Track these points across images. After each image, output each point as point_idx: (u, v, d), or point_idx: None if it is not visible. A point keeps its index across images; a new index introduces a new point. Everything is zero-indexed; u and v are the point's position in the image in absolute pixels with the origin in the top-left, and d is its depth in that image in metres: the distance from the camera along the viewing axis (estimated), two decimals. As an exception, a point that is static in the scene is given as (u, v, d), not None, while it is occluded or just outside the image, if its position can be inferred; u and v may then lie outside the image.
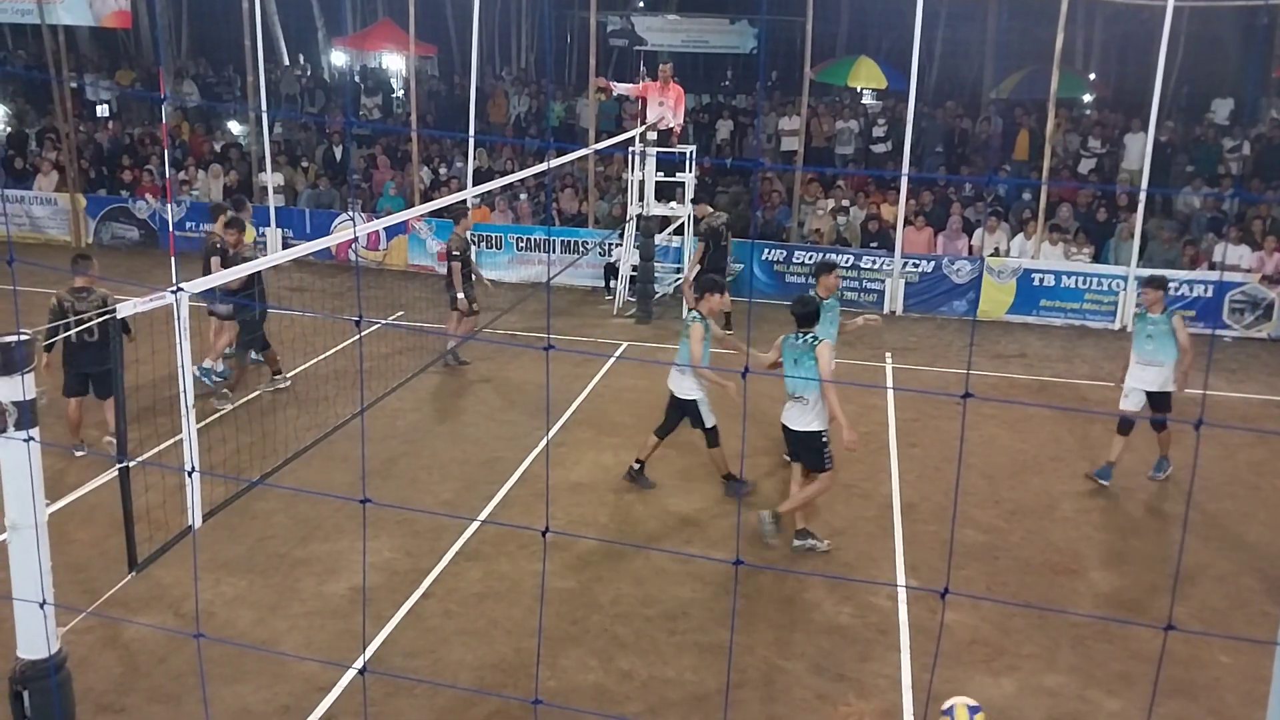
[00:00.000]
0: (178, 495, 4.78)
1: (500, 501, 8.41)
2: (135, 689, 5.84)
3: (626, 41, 25.38)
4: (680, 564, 7.37)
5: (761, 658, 6.35)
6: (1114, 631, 6.75)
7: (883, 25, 25.08)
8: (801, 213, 16.09)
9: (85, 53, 24.33)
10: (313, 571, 7.18)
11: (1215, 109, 20.02)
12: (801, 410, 7.46)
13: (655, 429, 8.70)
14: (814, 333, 7.51)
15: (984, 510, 8.49)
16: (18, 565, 3.64)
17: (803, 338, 7.46)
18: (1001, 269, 14.73)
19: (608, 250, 15.48)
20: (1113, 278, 14.40)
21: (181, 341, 4.59)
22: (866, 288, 15.08)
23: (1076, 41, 23.35)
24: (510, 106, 21.50)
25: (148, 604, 6.62)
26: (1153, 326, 8.87)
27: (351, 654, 6.19)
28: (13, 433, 3.51)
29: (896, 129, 17.78)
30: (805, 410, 7.44)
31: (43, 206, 17.65)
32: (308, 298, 13.85)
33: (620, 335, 13.28)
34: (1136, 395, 8.96)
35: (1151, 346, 8.85)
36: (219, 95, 23.66)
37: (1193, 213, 16.19)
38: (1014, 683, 6.19)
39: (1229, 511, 8.64)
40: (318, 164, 18.75)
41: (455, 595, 6.94)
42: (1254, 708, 5.94)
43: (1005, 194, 16.75)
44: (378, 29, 25.37)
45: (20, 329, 3.53)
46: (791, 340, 7.51)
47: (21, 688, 3.76)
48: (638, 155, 13.79)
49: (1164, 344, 8.77)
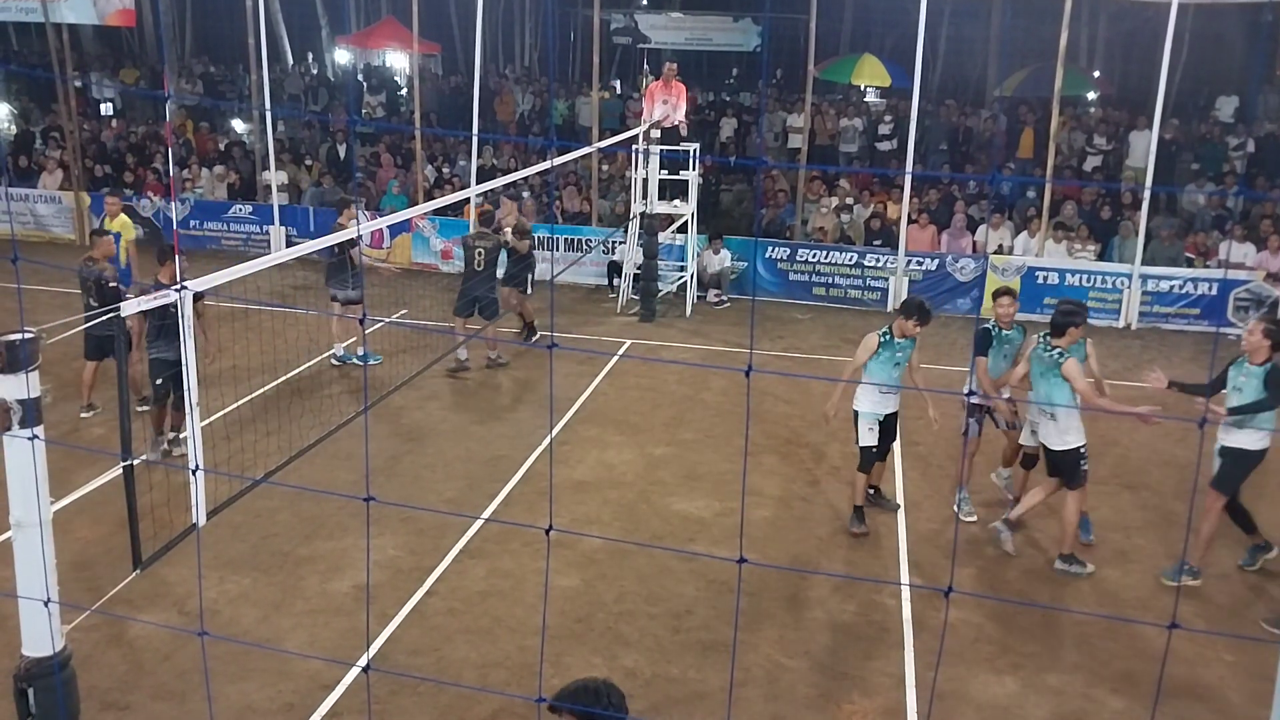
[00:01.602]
0: (182, 493, 4.79)
1: (504, 500, 8.41)
2: (139, 687, 5.85)
3: (630, 39, 25.41)
4: (684, 562, 7.37)
5: (765, 656, 6.35)
6: (1118, 630, 6.74)
7: (886, 23, 25.10)
8: (805, 211, 16.08)
9: (89, 51, 24.36)
10: (316, 569, 7.19)
11: (1220, 106, 20.00)
12: (1056, 428, 7.28)
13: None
14: (1061, 347, 7.20)
15: (987, 509, 8.47)
16: (22, 563, 3.65)
17: (1050, 350, 7.24)
18: (1005, 267, 14.70)
19: (611, 248, 15.48)
20: (1117, 275, 14.37)
21: (186, 339, 4.60)
22: (870, 286, 15.06)
23: (1081, 39, 23.32)
24: (515, 105, 21.52)
25: (152, 602, 6.63)
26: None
27: (355, 652, 6.20)
28: (17, 430, 3.52)
29: (901, 127, 17.75)
30: (1059, 427, 7.26)
31: (47, 205, 17.66)
32: (311, 295, 13.86)
33: (624, 333, 13.28)
34: (879, 427, 7.92)
35: (897, 374, 7.85)
36: (223, 94, 23.70)
37: (1197, 210, 16.16)
38: (1017, 681, 6.18)
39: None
40: (321, 162, 18.77)
41: (459, 593, 6.94)
42: (1258, 707, 5.92)
43: (1009, 192, 16.73)
44: (381, 27, 25.40)
45: (25, 327, 3.53)
46: (1040, 351, 7.31)
47: (26, 685, 3.76)
48: (641, 153, 13.78)
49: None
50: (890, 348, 7.77)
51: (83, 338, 9.42)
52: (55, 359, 8.68)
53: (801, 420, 10.28)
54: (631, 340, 12.94)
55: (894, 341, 7.77)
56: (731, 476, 8.88)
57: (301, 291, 14.35)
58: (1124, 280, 14.31)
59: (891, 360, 7.80)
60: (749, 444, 9.59)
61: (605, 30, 22.61)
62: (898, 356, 7.81)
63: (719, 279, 15.05)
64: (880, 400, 7.87)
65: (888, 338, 7.78)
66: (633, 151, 14.19)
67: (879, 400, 7.86)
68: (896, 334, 7.76)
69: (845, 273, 15.12)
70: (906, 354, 7.84)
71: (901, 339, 7.77)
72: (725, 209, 17.34)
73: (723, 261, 15.08)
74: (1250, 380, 7.07)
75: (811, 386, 10.85)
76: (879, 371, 7.79)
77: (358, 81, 24.13)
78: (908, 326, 7.70)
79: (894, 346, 7.77)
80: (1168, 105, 15.28)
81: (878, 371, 7.79)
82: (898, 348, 7.78)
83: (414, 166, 17.17)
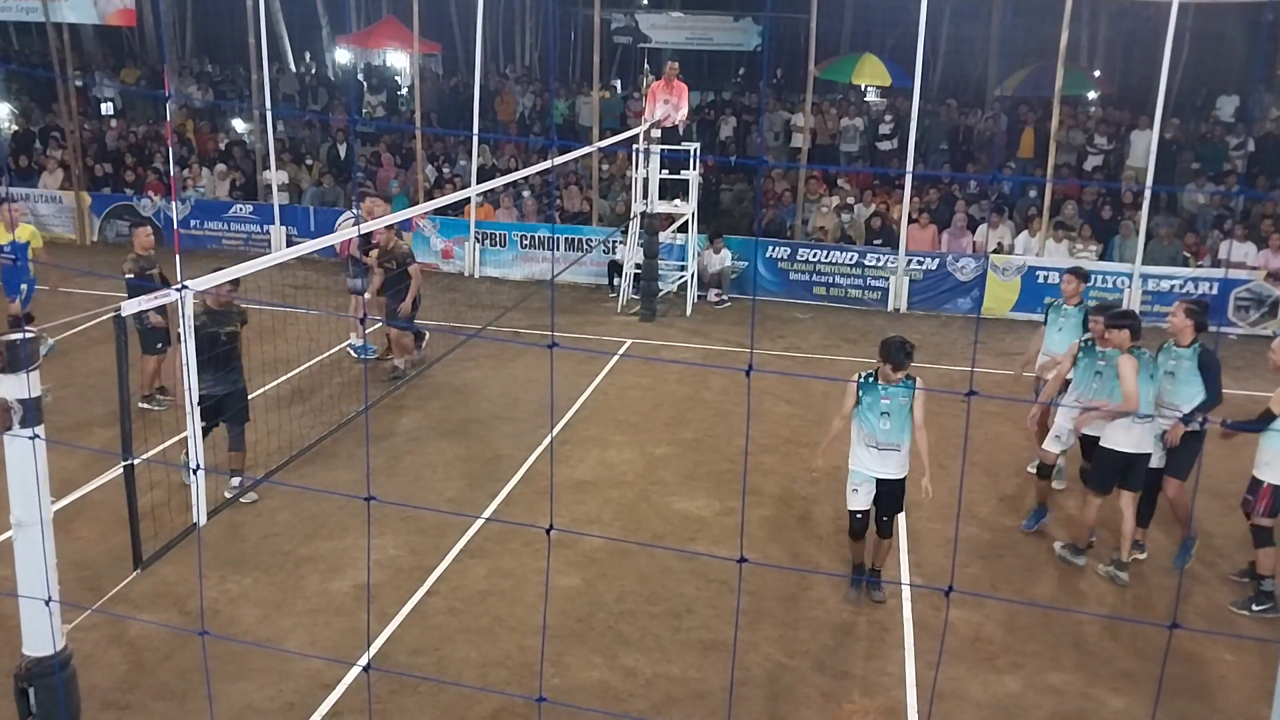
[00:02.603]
0: (182, 493, 4.80)
1: (504, 499, 8.41)
2: (140, 686, 5.85)
3: (630, 39, 25.40)
4: (684, 561, 7.38)
5: (765, 655, 6.35)
6: (1118, 629, 6.74)
7: (887, 22, 25.09)
8: (805, 210, 16.08)
9: (90, 51, 24.36)
10: (317, 569, 7.19)
11: (1220, 106, 19.99)
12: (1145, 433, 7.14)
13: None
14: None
15: (988, 508, 8.48)
16: (23, 562, 3.65)
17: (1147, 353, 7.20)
18: (1006, 266, 14.71)
19: (612, 248, 15.48)
20: (1118, 275, 14.37)
21: (186, 339, 4.60)
22: (871, 285, 15.06)
23: (1081, 38, 23.32)
24: (515, 104, 21.52)
25: (153, 601, 6.63)
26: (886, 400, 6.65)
27: (356, 651, 6.20)
28: (18, 430, 3.52)
29: (902, 126, 17.75)
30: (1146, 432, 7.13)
31: (47, 204, 17.67)
32: (312, 295, 13.86)
33: (624, 333, 13.28)
34: (867, 488, 6.81)
35: (888, 426, 6.66)
36: (224, 93, 23.70)
37: (1198, 210, 16.16)
38: (1018, 681, 6.18)
39: (1234, 508, 8.59)
40: (322, 162, 18.77)
41: (459, 593, 6.94)
42: (1259, 706, 5.93)
43: (1010, 191, 16.73)
44: (381, 26, 25.41)
45: (25, 326, 3.53)
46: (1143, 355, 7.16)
47: (27, 685, 3.76)
48: (642, 153, 13.79)
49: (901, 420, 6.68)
50: (873, 392, 6.59)
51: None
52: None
53: (801, 420, 10.28)
54: (632, 340, 12.94)
55: (877, 385, 6.61)
56: (732, 476, 8.88)
57: (302, 291, 14.35)
58: (1124, 280, 14.32)
59: (877, 409, 6.58)
60: (749, 444, 9.59)
61: (605, 30, 22.61)
62: (884, 405, 6.56)
63: (719, 278, 15.05)
64: (870, 458, 6.70)
65: (870, 380, 6.65)
66: (633, 151, 14.19)
67: (869, 458, 6.71)
68: (881, 378, 6.63)
69: (846, 272, 15.12)
70: (898, 403, 6.58)
71: (887, 384, 6.60)
72: (725, 208, 17.34)
73: (723, 261, 15.09)
74: (1182, 363, 7.23)
75: (811, 386, 10.86)
76: (863, 421, 6.66)
77: (358, 81, 24.13)
78: (887, 371, 6.57)
79: (877, 392, 6.58)
80: (1168, 105, 15.27)
81: (862, 421, 6.67)
82: (883, 393, 6.57)
83: (414, 166, 17.18)
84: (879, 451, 6.66)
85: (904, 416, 6.61)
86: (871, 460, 6.71)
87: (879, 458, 6.69)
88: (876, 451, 6.67)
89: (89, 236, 17.38)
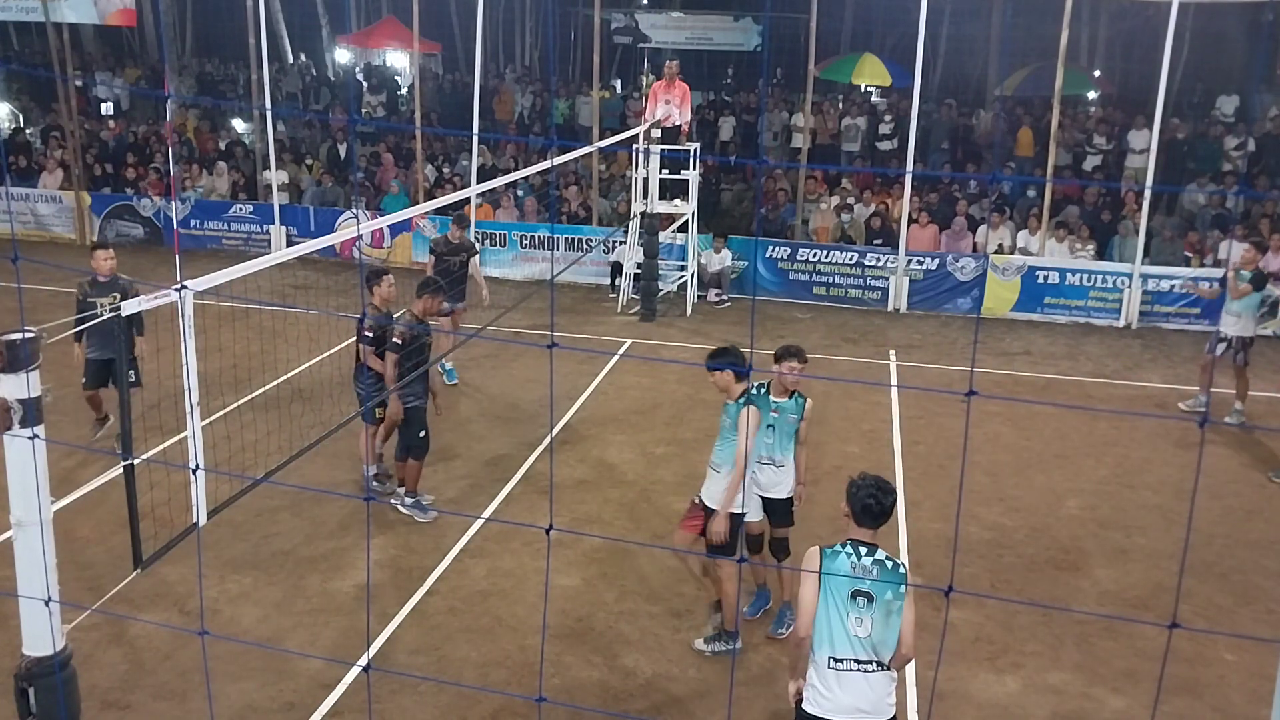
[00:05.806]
0: (183, 492, 4.79)
1: (504, 499, 8.41)
2: (140, 686, 5.85)
3: (630, 39, 25.37)
4: (684, 561, 7.36)
5: (765, 655, 6.35)
6: (1118, 629, 6.74)
7: (887, 22, 25.07)
8: (805, 210, 16.08)
9: (90, 50, 24.36)
10: (317, 569, 7.19)
11: (1220, 105, 19.97)
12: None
13: None
14: None
15: (988, 507, 8.48)
16: (23, 562, 3.65)
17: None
18: (1006, 266, 14.70)
19: (612, 248, 15.48)
20: (1118, 275, 14.37)
21: (186, 339, 4.59)
22: (871, 285, 15.06)
23: (1081, 38, 23.31)
24: (515, 104, 21.52)
25: (153, 601, 6.63)
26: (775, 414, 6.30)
27: (356, 651, 6.20)
28: (18, 430, 3.52)
29: (902, 126, 17.75)
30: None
31: (47, 204, 17.68)
32: (312, 295, 13.87)
33: (624, 333, 13.28)
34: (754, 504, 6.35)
35: (770, 441, 6.31)
36: (223, 93, 23.70)
37: (1198, 210, 16.15)
38: (1018, 680, 6.19)
39: (1234, 508, 8.62)
40: (322, 161, 18.77)
41: (459, 593, 6.94)
42: (1259, 705, 5.92)
43: (1010, 191, 16.73)
44: (381, 26, 25.42)
45: (25, 326, 3.53)
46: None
47: (27, 684, 3.76)
48: (641, 152, 13.79)
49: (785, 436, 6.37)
50: (763, 404, 6.25)
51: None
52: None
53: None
54: (632, 340, 12.94)
55: (768, 398, 6.33)
56: (732, 476, 8.87)
57: (302, 291, 14.36)
58: (1124, 280, 14.31)
59: (764, 421, 6.19)
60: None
61: (605, 30, 22.60)
62: (772, 418, 6.25)
63: (719, 278, 15.05)
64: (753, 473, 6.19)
65: (761, 392, 6.33)
66: (633, 151, 14.19)
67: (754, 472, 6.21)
68: (774, 391, 6.35)
69: (846, 272, 15.12)
70: (787, 418, 6.31)
71: (780, 399, 6.32)
72: (725, 208, 17.35)
73: (724, 261, 15.09)
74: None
75: (811, 386, 10.84)
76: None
77: (358, 81, 24.13)
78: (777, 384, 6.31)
79: (767, 403, 6.29)
80: (1168, 104, 15.27)
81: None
82: (773, 407, 6.29)
83: (414, 166, 17.18)
84: (759, 465, 6.30)
85: (793, 436, 6.35)
86: (758, 475, 6.32)
87: (770, 475, 6.37)
88: (758, 465, 6.28)
89: (89, 236, 17.38)
